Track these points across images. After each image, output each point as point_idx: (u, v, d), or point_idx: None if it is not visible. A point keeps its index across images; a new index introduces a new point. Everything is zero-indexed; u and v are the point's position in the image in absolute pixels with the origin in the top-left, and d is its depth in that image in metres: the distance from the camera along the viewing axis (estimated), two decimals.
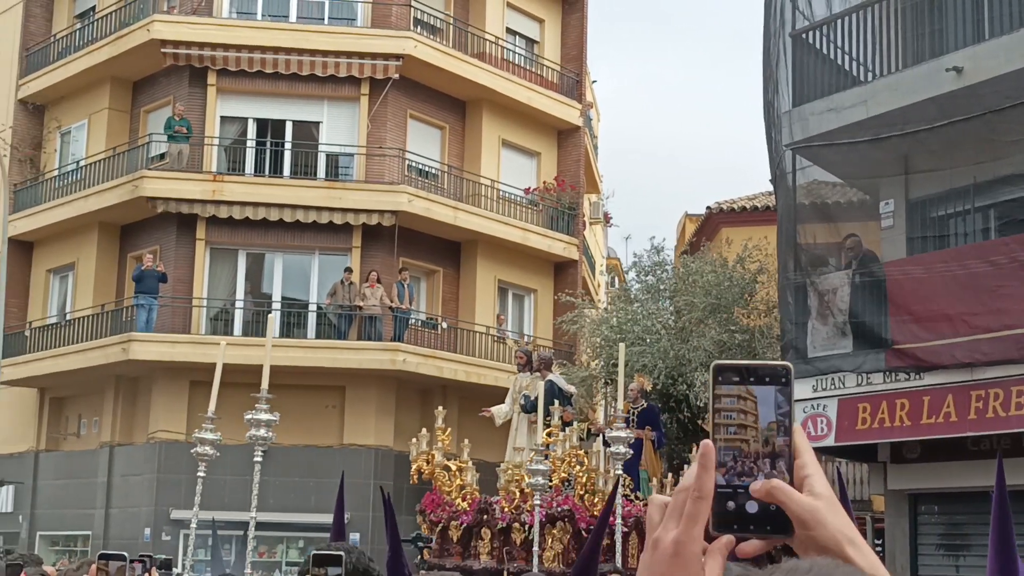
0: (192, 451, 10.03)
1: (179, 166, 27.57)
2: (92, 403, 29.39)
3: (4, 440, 27.31)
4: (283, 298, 27.96)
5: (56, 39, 31.87)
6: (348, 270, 27.11)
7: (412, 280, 28.11)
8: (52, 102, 31.74)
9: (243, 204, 27.10)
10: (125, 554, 4.25)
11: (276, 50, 27.92)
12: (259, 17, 29.09)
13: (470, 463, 16.21)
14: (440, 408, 16.59)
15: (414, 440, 16.50)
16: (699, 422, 20.93)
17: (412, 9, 29.11)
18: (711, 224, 26.90)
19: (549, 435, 15.43)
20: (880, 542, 18.33)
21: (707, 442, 1.50)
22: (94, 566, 4.18)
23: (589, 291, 31.45)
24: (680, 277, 21.97)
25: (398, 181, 27.83)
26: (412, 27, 28.82)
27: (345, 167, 28.65)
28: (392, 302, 27.02)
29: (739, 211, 26.46)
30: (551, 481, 15.38)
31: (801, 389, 16.41)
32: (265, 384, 8.02)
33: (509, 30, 31.59)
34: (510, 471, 15.97)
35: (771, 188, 25.58)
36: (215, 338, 26.85)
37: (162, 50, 27.89)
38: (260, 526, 13.07)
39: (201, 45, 27.91)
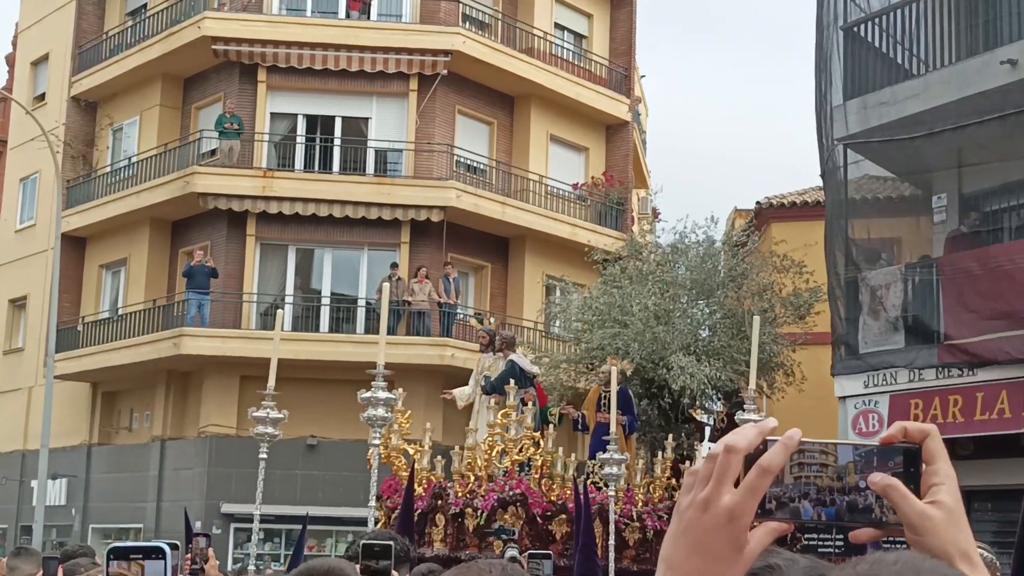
0: (252, 431, 9.90)
1: (229, 162, 27.74)
2: (144, 397, 29.65)
3: (57, 434, 27.59)
4: (332, 293, 28.07)
5: (108, 37, 32.14)
6: (394, 266, 27.19)
7: (460, 275, 28.14)
8: (104, 99, 32.01)
9: (293, 200, 27.24)
10: (163, 546, 2.83)
11: (325, 46, 28.03)
12: (308, 14, 29.21)
13: (427, 447, 15.48)
14: (400, 390, 15.88)
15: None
16: (691, 411, 20.07)
17: (460, 5, 29.13)
18: (761, 219, 26.71)
19: (505, 416, 14.70)
20: None
21: (798, 430, 1.47)
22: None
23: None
24: (665, 257, 21.37)
25: (446, 177, 27.86)
26: (460, 23, 28.84)
27: (394, 163, 28.72)
28: (440, 297, 27.08)
29: (789, 206, 26.25)
30: (506, 464, 14.60)
31: (852, 385, 16.28)
32: (381, 362, 7.92)
33: (557, 25, 31.54)
34: (464, 454, 15.34)
35: (821, 183, 25.36)
36: (265, 333, 26.99)
37: (213, 47, 28.07)
38: (310, 520, 13.10)
39: (251, 42, 28.07)
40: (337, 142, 28.65)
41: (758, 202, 27.10)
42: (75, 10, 32.78)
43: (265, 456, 9.35)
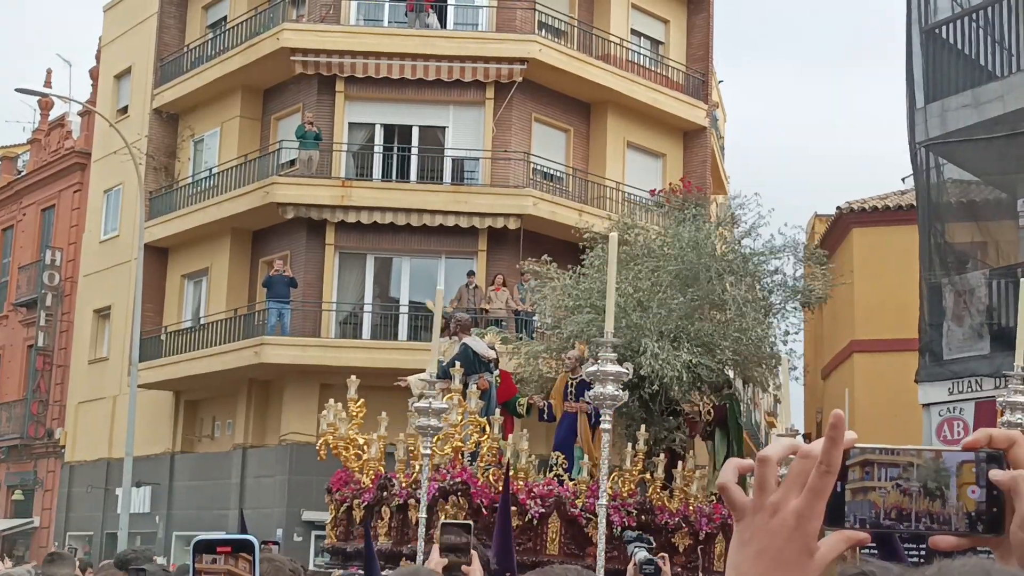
0: (415, 423, 9.59)
1: (308, 172, 27.98)
2: (225, 406, 29.97)
3: (141, 442, 27.96)
4: (411, 302, 28.17)
5: (189, 49, 32.57)
6: (471, 274, 27.23)
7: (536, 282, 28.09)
8: (185, 111, 32.44)
9: (371, 209, 27.41)
10: (252, 539, 2.40)
11: (402, 56, 28.17)
12: (385, 24, 29.41)
13: (375, 436, 14.71)
14: (353, 377, 14.98)
15: (324, 412, 15.11)
16: (681, 406, 19.08)
17: (536, 12, 29.13)
18: (841, 225, 26.42)
19: (448, 400, 13.38)
20: None
21: (838, 412, 1.44)
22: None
23: None
24: (653, 241, 20.46)
25: (523, 184, 27.87)
26: (536, 30, 28.84)
27: (471, 171, 28.80)
28: (516, 305, 27.07)
29: (870, 211, 25.92)
30: (447, 450, 13.59)
31: (937, 392, 16.03)
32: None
33: (634, 31, 31.43)
34: (408, 442, 14.47)
35: (903, 187, 25.00)
36: (344, 342, 27.22)
37: (291, 58, 28.33)
38: None
39: (329, 53, 28.29)
40: (414, 151, 28.80)
41: (839, 207, 26.80)
42: (156, 24, 33.26)
43: (428, 452, 9.14)
